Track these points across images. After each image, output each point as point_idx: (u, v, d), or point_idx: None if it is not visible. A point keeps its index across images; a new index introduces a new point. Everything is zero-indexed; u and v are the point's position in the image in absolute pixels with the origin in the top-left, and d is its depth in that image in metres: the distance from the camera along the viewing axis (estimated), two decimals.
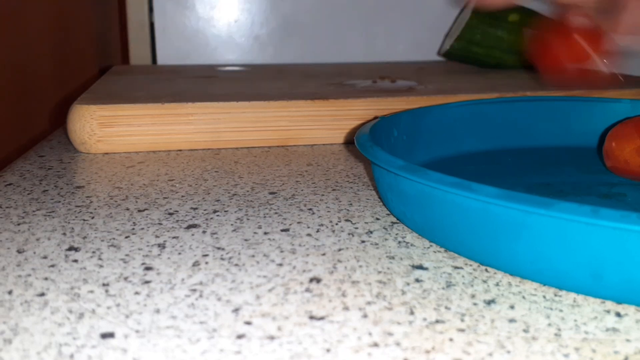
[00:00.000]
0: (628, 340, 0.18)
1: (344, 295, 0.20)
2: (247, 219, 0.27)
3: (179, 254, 0.23)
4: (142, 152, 0.39)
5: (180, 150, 0.40)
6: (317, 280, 0.21)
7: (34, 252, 0.23)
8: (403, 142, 0.32)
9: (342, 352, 0.17)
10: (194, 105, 0.39)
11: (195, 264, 0.23)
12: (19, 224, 0.26)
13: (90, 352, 0.17)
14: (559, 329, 0.18)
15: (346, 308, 0.19)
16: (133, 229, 0.26)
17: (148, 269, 0.22)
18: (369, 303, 0.20)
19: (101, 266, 0.22)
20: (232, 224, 0.27)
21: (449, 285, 0.21)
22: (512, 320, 0.19)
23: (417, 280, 0.21)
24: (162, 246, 0.24)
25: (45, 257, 0.23)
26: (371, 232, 0.26)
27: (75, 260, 0.23)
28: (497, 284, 0.21)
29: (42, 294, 0.20)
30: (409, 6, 0.76)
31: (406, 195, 0.24)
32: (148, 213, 0.28)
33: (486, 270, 0.22)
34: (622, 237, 0.18)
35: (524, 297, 0.20)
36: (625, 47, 0.53)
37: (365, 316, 0.19)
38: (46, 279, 0.21)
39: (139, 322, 0.18)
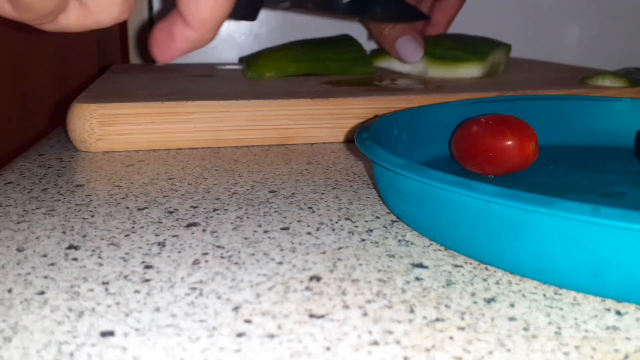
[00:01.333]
0: (628, 339, 0.18)
1: (344, 293, 0.20)
2: (247, 217, 0.27)
3: (179, 252, 0.23)
4: (142, 150, 0.39)
5: (180, 148, 0.40)
6: (317, 278, 0.21)
7: (34, 251, 0.23)
8: (403, 140, 0.32)
9: (342, 351, 0.17)
10: (193, 104, 0.39)
11: (195, 262, 0.23)
12: (18, 223, 0.26)
13: (90, 350, 0.17)
14: (559, 327, 0.18)
15: (346, 306, 0.19)
16: (133, 227, 0.26)
17: (148, 267, 0.22)
18: (369, 301, 0.20)
19: (101, 264, 0.22)
20: (232, 223, 0.27)
21: (449, 283, 0.21)
22: (512, 319, 0.19)
23: (417, 279, 0.21)
24: (162, 244, 0.24)
25: (45, 256, 0.23)
26: (371, 231, 0.26)
27: (75, 259, 0.23)
28: (497, 283, 0.21)
29: (42, 293, 0.20)
30: None
31: (406, 193, 0.24)
32: (148, 211, 0.28)
33: (486, 268, 0.22)
34: (623, 235, 0.18)
35: (524, 296, 0.20)
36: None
37: (365, 314, 0.19)
38: (46, 277, 0.21)
39: (139, 320, 0.18)
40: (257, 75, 0.52)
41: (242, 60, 0.56)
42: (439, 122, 0.34)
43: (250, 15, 0.44)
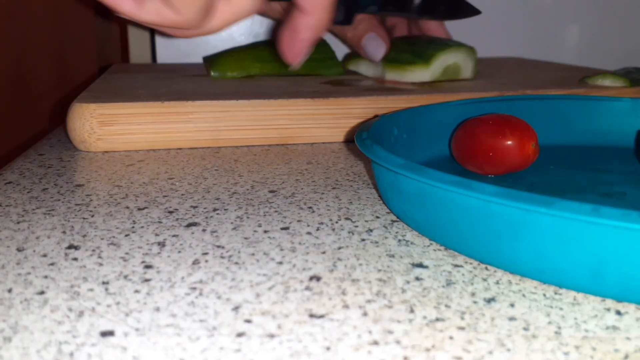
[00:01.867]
0: (628, 339, 0.18)
1: (344, 293, 0.20)
2: (247, 217, 0.27)
3: (179, 252, 0.23)
4: (142, 150, 0.39)
5: (180, 148, 0.40)
6: (317, 278, 0.21)
7: (34, 251, 0.23)
8: (403, 140, 0.32)
9: (342, 350, 0.17)
10: (193, 103, 0.39)
11: (195, 262, 0.23)
12: (18, 222, 0.26)
13: (90, 350, 0.17)
14: (559, 327, 0.18)
15: (346, 306, 0.19)
16: (133, 227, 0.26)
17: (148, 267, 0.22)
18: (369, 301, 0.20)
19: (101, 264, 0.22)
20: (232, 222, 0.27)
21: (449, 283, 0.21)
22: (512, 319, 0.19)
23: (417, 279, 0.21)
24: (162, 244, 0.24)
25: (45, 256, 0.23)
26: (371, 231, 0.26)
27: (75, 259, 0.23)
28: (497, 282, 0.21)
29: (42, 292, 0.20)
30: None
31: (406, 193, 0.24)
32: (148, 211, 0.28)
33: (486, 268, 0.22)
34: (623, 235, 0.18)
35: (524, 295, 0.20)
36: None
37: (365, 314, 0.19)
38: (46, 277, 0.21)
39: (139, 320, 0.18)
40: (219, 74, 0.52)
41: (205, 59, 0.55)
42: (439, 122, 0.34)
43: (348, 20, 0.45)
